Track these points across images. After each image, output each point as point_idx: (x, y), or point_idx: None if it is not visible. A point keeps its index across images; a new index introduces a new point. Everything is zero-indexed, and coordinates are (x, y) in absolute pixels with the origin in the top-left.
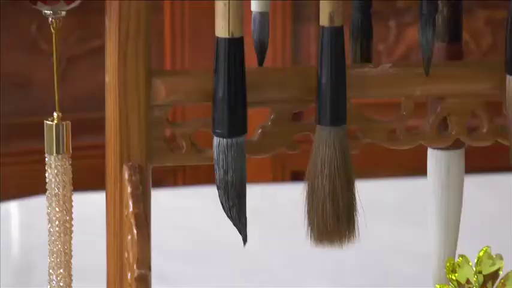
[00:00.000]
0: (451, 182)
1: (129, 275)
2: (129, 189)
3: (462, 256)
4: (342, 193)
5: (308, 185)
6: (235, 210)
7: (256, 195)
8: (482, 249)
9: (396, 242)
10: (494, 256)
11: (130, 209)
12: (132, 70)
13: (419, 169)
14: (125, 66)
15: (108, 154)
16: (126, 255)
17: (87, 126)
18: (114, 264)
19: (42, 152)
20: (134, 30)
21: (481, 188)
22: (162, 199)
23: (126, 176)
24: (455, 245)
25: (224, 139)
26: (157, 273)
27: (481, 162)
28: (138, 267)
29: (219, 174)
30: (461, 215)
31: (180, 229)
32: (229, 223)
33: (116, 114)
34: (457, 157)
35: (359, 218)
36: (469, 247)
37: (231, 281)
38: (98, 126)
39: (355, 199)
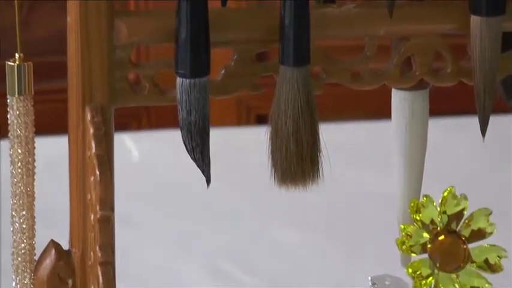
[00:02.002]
0: (415, 122)
1: (92, 216)
2: (91, 131)
3: (426, 196)
4: (306, 133)
5: (272, 125)
6: (199, 150)
7: (221, 138)
8: (446, 190)
9: (361, 185)
10: (459, 196)
11: (93, 150)
12: (93, 10)
13: (385, 112)
14: (86, 6)
15: (70, 96)
16: (89, 196)
17: (51, 70)
18: (77, 206)
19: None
20: None
21: (446, 131)
22: (126, 143)
23: (88, 117)
24: (420, 185)
25: (187, 79)
26: (121, 217)
27: (445, 105)
28: (101, 209)
29: (182, 114)
30: (426, 157)
31: (144, 172)
32: (193, 166)
33: (78, 55)
34: (421, 97)
35: (323, 160)
36: (434, 188)
37: (195, 224)
38: (62, 70)
39: (319, 140)
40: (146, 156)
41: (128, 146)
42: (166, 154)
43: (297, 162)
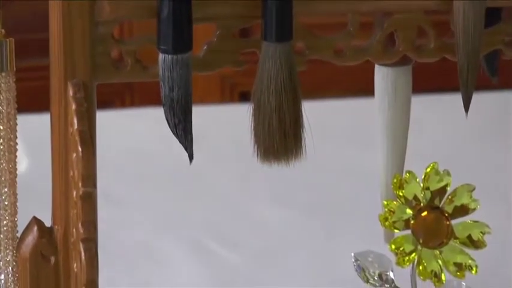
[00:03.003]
0: (398, 98)
1: (74, 193)
2: (73, 107)
3: (409, 172)
4: (289, 109)
5: (254, 101)
6: (181, 127)
7: (204, 116)
8: (429, 166)
9: (345, 162)
10: (442, 172)
11: (75, 127)
12: None
13: (369, 90)
14: None
15: (52, 72)
16: (71, 173)
17: (34, 48)
18: (59, 183)
19: None
20: None
21: (429, 107)
22: (109, 120)
23: (70, 93)
24: (403, 161)
25: (169, 55)
26: (104, 194)
27: (429, 82)
28: (83, 185)
29: (164, 91)
30: (409, 134)
31: (127, 150)
32: (176, 143)
33: (59, 31)
34: (404, 73)
35: (306, 137)
36: (417, 165)
37: (178, 202)
38: (45, 47)
39: (302, 116)
40: (130, 134)
41: (111, 123)
42: (150, 132)
43: (279, 139)
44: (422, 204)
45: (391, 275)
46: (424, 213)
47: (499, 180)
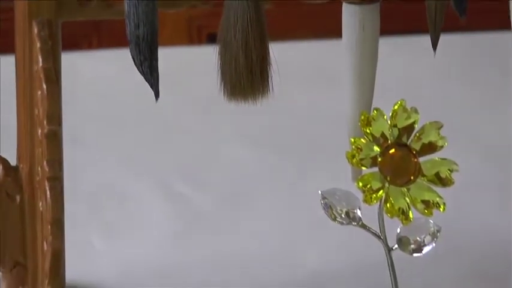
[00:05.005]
0: (366, 36)
1: (39, 131)
2: (38, 45)
3: (377, 109)
4: (255, 46)
5: (221, 39)
6: (147, 64)
7: (172, 58)
8: (397, 103)
9: (313, 103)
10: (409, 109)
11: (40, 64)
12: None
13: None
14: None
15: (17, 11)
16: (36, 111)
17: None
18: (24, 122)
19: None
20: None
21: (398, 49)
22: (76, 62)
23: (35, 31)
24: (371, 100)
25: None
26: (71, 135)
27: (399, 24)
28: (48, 123)
29: (130, 28)
30: (377, 74)
31: (94, 92)
32: (145, 85)
33: None
34: (371, 11)
35: (274, 78)
36: (384, 104)
37: (145, 143)
38: None
39: (268, 53)
40: (97, 75)
41: (78, 65)
42: (117, 73)
43: (246, 76)
44: (389, 142)
45: (359, 212)
46: (392, 151)
47: (466, 119)
